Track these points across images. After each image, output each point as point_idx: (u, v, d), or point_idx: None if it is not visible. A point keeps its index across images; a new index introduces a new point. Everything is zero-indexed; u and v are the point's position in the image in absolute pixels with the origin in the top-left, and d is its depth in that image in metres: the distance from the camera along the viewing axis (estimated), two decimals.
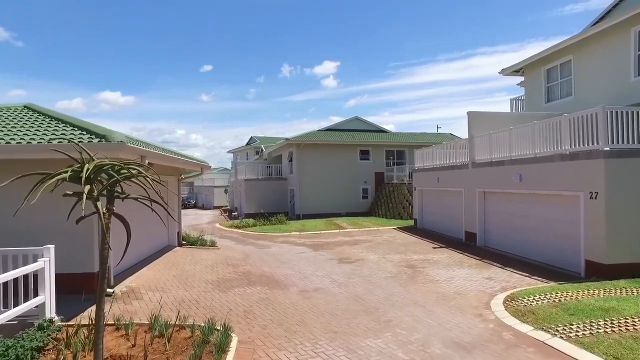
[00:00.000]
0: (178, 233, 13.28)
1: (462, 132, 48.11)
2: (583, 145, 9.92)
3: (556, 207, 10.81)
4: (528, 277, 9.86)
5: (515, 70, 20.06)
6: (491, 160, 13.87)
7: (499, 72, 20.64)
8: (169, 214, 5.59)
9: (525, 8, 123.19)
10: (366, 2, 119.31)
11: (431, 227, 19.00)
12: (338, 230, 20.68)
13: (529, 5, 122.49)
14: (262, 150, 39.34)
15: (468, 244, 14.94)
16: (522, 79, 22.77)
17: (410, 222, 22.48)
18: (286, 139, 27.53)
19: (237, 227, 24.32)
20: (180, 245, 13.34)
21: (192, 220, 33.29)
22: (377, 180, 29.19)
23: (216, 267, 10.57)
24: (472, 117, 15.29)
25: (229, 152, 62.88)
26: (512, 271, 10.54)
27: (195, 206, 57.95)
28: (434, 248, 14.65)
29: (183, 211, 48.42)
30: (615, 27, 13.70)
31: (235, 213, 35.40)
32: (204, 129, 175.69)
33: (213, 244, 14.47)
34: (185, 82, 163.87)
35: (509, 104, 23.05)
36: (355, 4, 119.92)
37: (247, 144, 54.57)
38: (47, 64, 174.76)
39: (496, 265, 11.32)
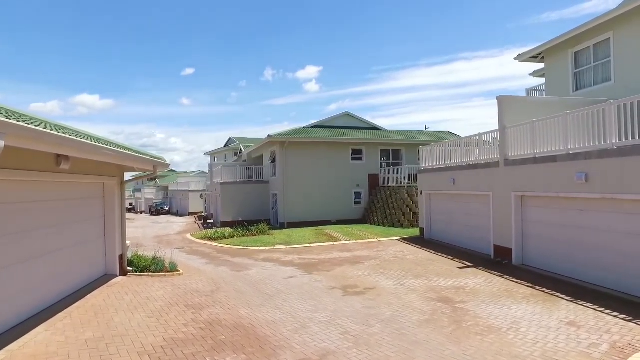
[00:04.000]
0: (121, 256, 9.64)
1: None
2: None
3: None
4: (633, 322, 6.71)
5: (533, 56, 17.27)
6: (534, 156, 10.79)
7: (515, 59, 17.77)
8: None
9: (504, 15, 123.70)
10: (350, 6, 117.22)
11: (444, 239, 15.84)
12: (332, 244, 17.33)
13: (507, 13, 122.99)
14: (241, 150, 35.72)
15: (500, 262, 11.82)
16: (537, 67, 20.19)
17: (413, 231, 19.35)
18: (269, 135, 24.07)
19: (210, 238, 20.74)
20: (124, 273, 9.68)
21: (161, 229, 29.43)
22: (372, 183, 25.99)
23: (167, 314, 7.02)
24: (505, 102, 12.21)
25: (206, 154, 59.11)
26: (597, 310, 7.40)
27: (169, 212, 53.83)
28: (460, 268, 11.47)
29: (154, 219, 44.44)
30: None
31: (211, 221, 31.71)
32: (184, 133, 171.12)
33: (173, 269, 10.87)
34: (165, 86, 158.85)
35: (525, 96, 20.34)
36: (339, 8, 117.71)
37: (225, 145, 51.02)
38: (21, 65, 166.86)
39: (563, 298, 8.19)
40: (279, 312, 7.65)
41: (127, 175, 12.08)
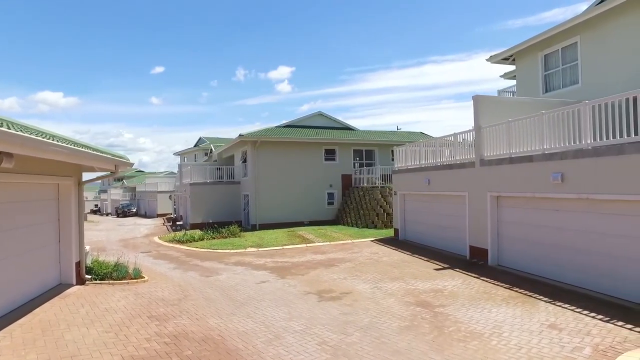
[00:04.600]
0: (78, 263, 8.87)
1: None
2: None
3: (635, 219, 7.69)
4: (611, 322, 6.64)
5: (505, 58, 17.44)
6: (510, 157, 10.75)
7: (487, 60, 17.88)
8: None
9: (472, 21, 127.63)
10: (321, 8, 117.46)
11: (419, 240, 15.72)
12: (305, 245, 16.92)
13: (476, 19, 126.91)
14: (211, 150, 34.80)
15: (476, 263, 11.75)
16: (507, 69, 20.46)
17: (387, 232, 19.19)
18: (240, 135, 23.40)
19: (179, 241, 19.91)
20: (81, 282, 8.91)
21: (127, 232, 28.21)
22: (345, 184, 25.73)
23: (128, 328, 6.41)
24: (480, 101, 12.14)
25: (175, 154, 57.54)
26: (575, 311, 7.31)
27: (136, 214, 52.02)
28: (437, 270, 11.30)
29: (121, 221, 42.75)
30: None
31: (180, 222, 30.70)
32: (153, 133, 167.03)
33: (137, 275, 10.16)
34: (134, 84, 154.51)
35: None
36: (311, 9, 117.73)
37: (196, 145, 49.81)
38: None
39: (541, 299, 8.10)
40: (251, 321, 7.18)
41: (89, 176, 11.29)
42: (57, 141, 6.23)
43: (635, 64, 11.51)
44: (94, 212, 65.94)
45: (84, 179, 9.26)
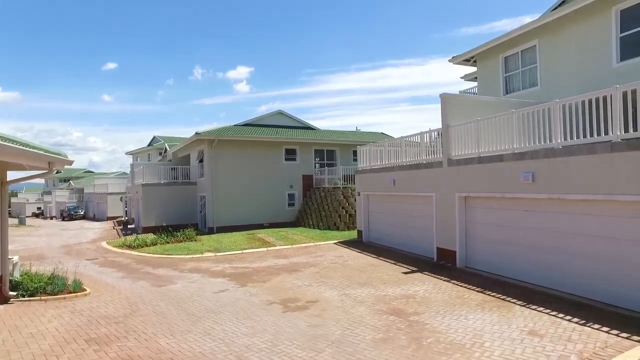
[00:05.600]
0: (0, 278, 7.60)
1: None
2: None
3: (604, 219, 7.56)
4: (587, 326, 6.40)
5: (466, 59, 17.48)
6: (479, 156, 10.52)
7: (449, 60, 17.83)
8: None
9: (429, 27, 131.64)
10: (284, 10, 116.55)
11: (383, 242, 15.33)
12: (266, 249, 16.10)
13: (432, 25, 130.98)
14: (165, 149, 33.07)
15: (444, 265, 11.47)
16: (468, 70, 20.62)
17: (350, 234, 18.76)
18: (196, 133, 22.16)
19: (130, 246, 18.48)
20: (4, 300, 7.58)
21: (71, 237, 26.08)
22: (305, 185, 25.08)
23: (57, 358, 5.32)
24: (448, 100, 11.89)
25: (127, 153, 54.74)
26: (551, 314, 7.06)
27: (85, 217, 48.83)
28: (405, 273, 10.90)
29: (65, 224, 39.92)
30: (593, 5, 11.42)
31: (132, 226, 28.92)
32: (105, 132, 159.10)
33: (77, 288, 8.97)
34: (84, 80, 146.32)
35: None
36: (274, 11, 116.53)
37: (149, 144, 47.58)
38: None
39: (515, 303, 7.83)
40: (209, 339, 6.36)
41: (18, 175, 9.92)
42: None
43: (592, 67, 11.64)
44: (36, 215, 61.44)
45: (10, 179, 8.02)
